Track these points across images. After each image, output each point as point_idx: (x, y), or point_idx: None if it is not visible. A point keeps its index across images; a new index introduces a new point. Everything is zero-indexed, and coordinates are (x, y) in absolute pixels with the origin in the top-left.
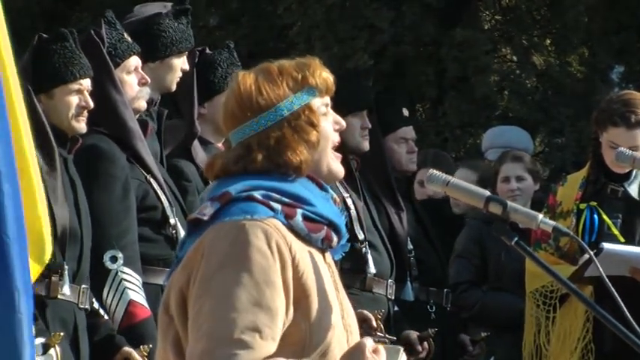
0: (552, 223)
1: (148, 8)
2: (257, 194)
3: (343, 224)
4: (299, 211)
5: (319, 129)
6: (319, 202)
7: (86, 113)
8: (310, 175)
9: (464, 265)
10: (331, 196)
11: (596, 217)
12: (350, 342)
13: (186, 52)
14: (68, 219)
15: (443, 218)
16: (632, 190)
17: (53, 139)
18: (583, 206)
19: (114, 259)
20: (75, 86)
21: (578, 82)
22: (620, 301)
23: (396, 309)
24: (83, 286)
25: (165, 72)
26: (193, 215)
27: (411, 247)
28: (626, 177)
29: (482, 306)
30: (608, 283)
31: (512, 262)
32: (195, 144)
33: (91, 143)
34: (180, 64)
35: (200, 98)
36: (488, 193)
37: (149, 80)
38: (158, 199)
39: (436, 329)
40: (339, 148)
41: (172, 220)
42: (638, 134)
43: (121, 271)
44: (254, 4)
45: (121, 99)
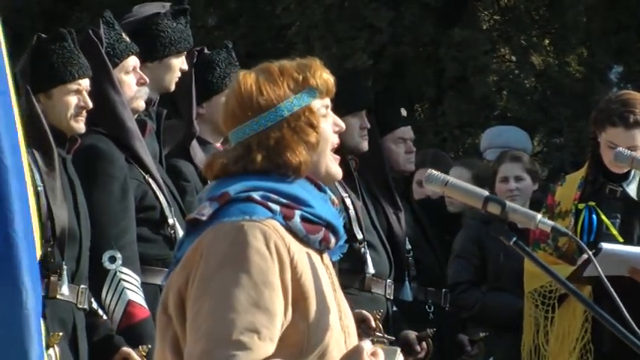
0: (551, 223)
1: (146, 8)
2: (256, 195)
3: (341, 225)
4: (297, 212)
5: (319, 130)
6: (317, 204)
7: (85, 113)
8: (309, 176)
9: (463, 265)
10: (329, 198)
11: (594, 217)
12: (348, 343)
13: (185, 52)
14: (67, 219)
15: (441, 218)
16: (631, 190)
17: (52, 139)
18: (581, 206)
19: (112, 260)
20: (74, 86)
21: (576, 82)
22: (619, 301)
23: (394, 309)
24: (82, 286)
25: (163, 72)
26: (192, 215)
27: (409, 247)
28: (625, 177)
29: (482, 306)
30: (607, 283)
31: (511, 262)
32: (194, 144)
33: (90, 143)
34: (178, 64)
35: (198, 98)
36: (486, 193)
37: (147, 80)
38: (157, 199)
39: (435, 329)
40: (338, 149)
41: (171, 220)
42: (637, 134)
43: (120, 272)
44: (252, 4)
45: (120, 99)
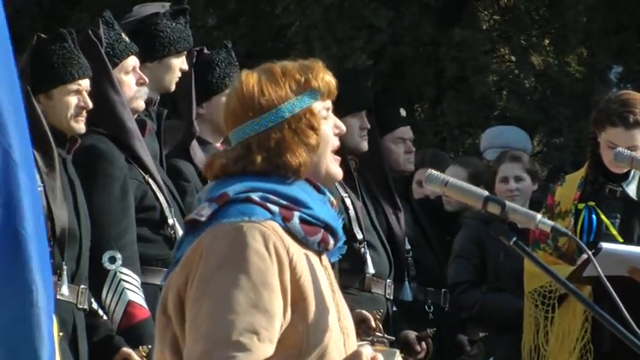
0: (551, 223)
1: (146, 8)
2: (255, 196)
3: (340, 227)
4: (296, 213)
5: (319, 132)
6: (316, 205)
7: (85, 114)
8: (308, 177)
9: (463, 265)
10: (328, 199)
11: (594, 217)
12: (346, 344)
13: (185, 52)
14: (67, 219)
15: (440, 217)
16: (631, 190)
17: (52, 139)
18: (581, 206)
19: (113, 260)
20: (74, 87)
21: (576, 82)
22: (619, 300)
23: (394, 309)
24: (82, 286)
25: (163, 72)
26: (191, 216)
27: (408, 247)
28: (625, 177)
29: (482, 306)
30: (607, 283)
31: (511, 262)
32: (194, 144)
33: (90, 144)
34: (178, 64)
35: (198, 98)
36: (486, 193)
37: (147, 80)
38: (156, 199)
39: (435, 329)
40: (337, 150)
41: (171, 220)
42: (637, 134)
43: (120, 272)
44: (252, 4)
45: (119, 99)
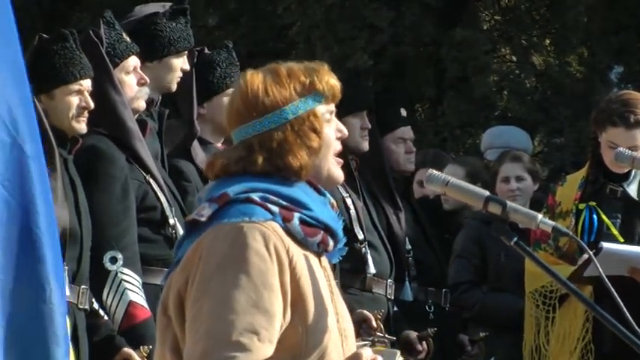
0: (552, 223)
1: (147, 8)
2: (255, 196)
3: (340, 229)
4: (296, 214)
5: (322, 136)
6: (317, 207)
7: (86, 114)
8: (309, 179)
9: (464, 265)
10: (329, 201)
11: (595, 217)
12: (345, 346)
13: (186, 51)
14: (68, 219)
15: (439, 216)
16: (631, 190)
17: (53, 139)
18: (582, 206)
19: (114, 260)
20: (75, 87)
21: (577, 82)
22: (620, 301)
23: (395, 309)
24: (83, 286)
25: (164, 72)
26: (191, 216)
27: (409, 247)
28: (625, 177)
29: (483, 306)
30: (608, 283)
31: (511, 262)
32: (195, 144)
33: (91, 144)
34: (179, 64)
35: (199, 98)
36: (487, 193)
37: (148, 80)
38: (157, 199)
39: (435, 329)
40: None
41: (172, 220)
42: (637, 134)
43: (121, 272)
44: (253, 3)
45: (120, 99)
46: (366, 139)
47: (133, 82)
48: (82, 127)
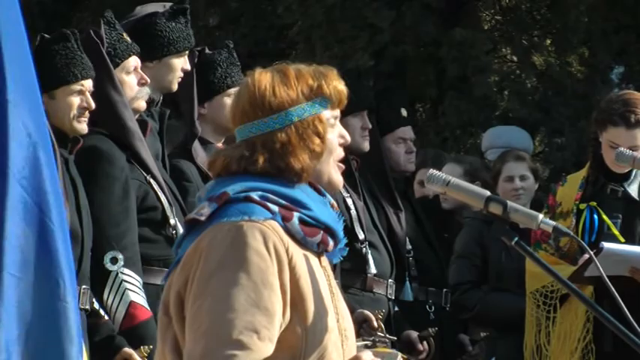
0: (552, 223)
1: (148, 8)
2: (254, 195)
3: (341, 229)
4: (296, 214)
5: (325, 140)
6: (317, 207)
7: (87, 114)
8: (310, 181)
9: (464, 265)
10: (329, 201)
11: (595, 217)
12: (345, 346)
13: (186, 51)
14: (69, 219)
15: (437, 215)
16: (632, 190)
17: (54, 139)
18: (583, 206)
19: (114, 261)
20: (76, 87)
21: (578, 82)
22: (621, 300)
23: (396, 309)
24: (83, 286)
25: (164, 72)
26: (191, 215)
27: (409, 247)
28: (626, 177)
29: (483, 306)
30: (609, 282)
31: (512, 262)
32: (196, 144)
33: (91, 144)
34: (180, 64)
35: (200, 98)
36: (488, 193)
37: (149, 80)
38: (158, 199)
39: (436, 329)
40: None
41: (172, 220)
42: (638, 134)
43: (122, 273)
44: (254, 3)
45: (121, 99)
46: (366, 139)
47: (133, 82)
48: (82, 127)
